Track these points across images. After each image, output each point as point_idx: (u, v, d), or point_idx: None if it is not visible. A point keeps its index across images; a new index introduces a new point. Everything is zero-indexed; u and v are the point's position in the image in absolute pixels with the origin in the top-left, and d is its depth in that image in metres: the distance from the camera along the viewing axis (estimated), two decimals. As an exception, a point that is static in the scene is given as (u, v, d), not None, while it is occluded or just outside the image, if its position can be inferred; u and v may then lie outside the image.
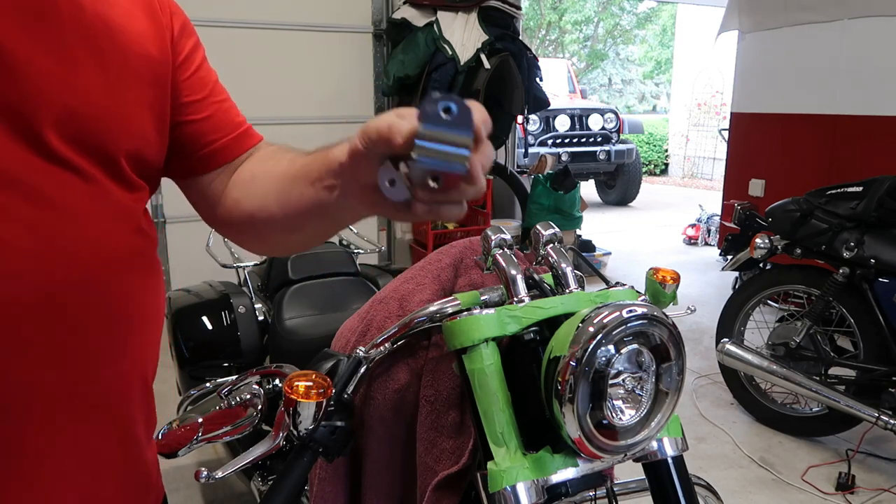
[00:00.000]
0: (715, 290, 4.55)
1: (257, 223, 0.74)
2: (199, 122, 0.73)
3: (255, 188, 0.74)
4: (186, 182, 0.77)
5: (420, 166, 0.45)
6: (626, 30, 18.73)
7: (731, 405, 2.94)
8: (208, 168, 0.76)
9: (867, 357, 2.42)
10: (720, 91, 10.26)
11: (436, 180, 0.46)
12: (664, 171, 12.09)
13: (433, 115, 0.45)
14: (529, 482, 0.77)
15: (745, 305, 2.83)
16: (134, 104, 0.63)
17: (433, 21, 4.05)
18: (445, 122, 0.45)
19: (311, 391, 0.82)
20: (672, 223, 7.01)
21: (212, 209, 0.78)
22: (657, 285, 0.96)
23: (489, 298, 0.91)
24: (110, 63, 0.60)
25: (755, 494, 2.31)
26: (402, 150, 0.48)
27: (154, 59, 0.65)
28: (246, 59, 3.94)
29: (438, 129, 0.45)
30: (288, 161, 0.73)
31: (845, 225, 2.42)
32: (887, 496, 2.28)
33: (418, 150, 0.45)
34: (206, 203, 0.78)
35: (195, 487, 2.26)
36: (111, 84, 0.60)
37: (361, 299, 1.46)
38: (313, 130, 4.23)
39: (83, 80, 0.58)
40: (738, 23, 4.49)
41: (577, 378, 0.73)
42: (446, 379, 0.95)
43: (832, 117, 3.93)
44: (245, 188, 0.75)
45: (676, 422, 0.89)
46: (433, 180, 0.46)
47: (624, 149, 7.89)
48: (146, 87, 0.65)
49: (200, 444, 1.00)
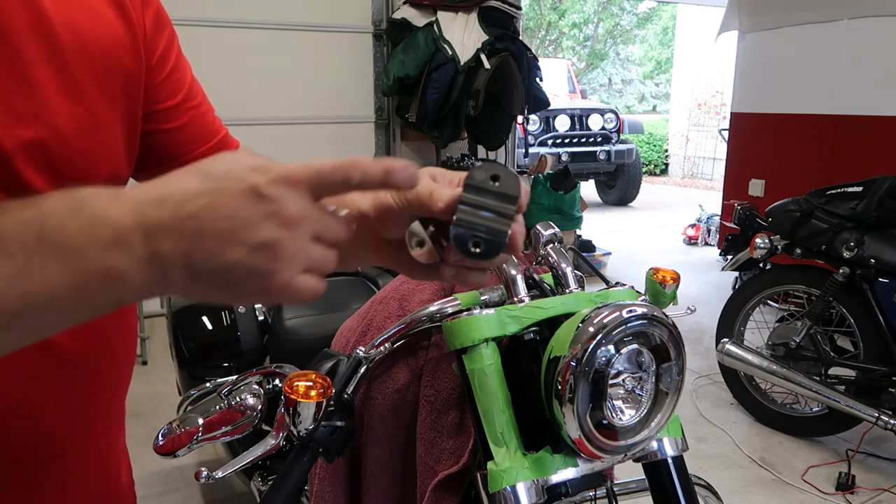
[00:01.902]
0: (715, 290, 4.55)
1: None
2: (174, 130, 0.67)
3: None
4: None
5: (462, 231, 0.44)
6: (626, 30, 18.74)
7: (731, 405, 2.94)
8: None
9: (867, 357, 2.42)
10: (720, 91, 10.27)
11: (477, 246, 0.44)
12: (664, 171, 12.09)
13: (479, 182, 0.44)
14: (529, 482, 0.77)
15: (745, 305, 2.83)
16: (106, 125, 0.57)
17: (433, 21, 4.05)
18: (491, 191, 0.44)
19: (311, 391, 0.81)
20: (672, 223, 7.01)
21: None
22: (657, 285, 0.96)
23: (489, 298, 0.91)
24: (79, 80, 0.54)
25: (755, 494, 2.31)
26: (442, 215, 0.46)
27: (127, 69, 0.59)
28: (246, 59, 3.94)
29: (483, 197, 0.44)
30: None
31: (845, 225, 2.42)
32: (887, 496, 2.28)
33: (461, 214, 0.44)
34: None
35: (195, 487, 2.27)
36: (81, 104, 0.54)
37: (361, 299, 1.46)
38: (313, 130, 4.23)
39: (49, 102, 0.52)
40: (738, 23, 4.49)
41: (577, 378, 0.73)
42: (446, 379, 0.95)
43: (832, 117, 3.93)
44: None
45: (676, 422, 0.89)
46: (475, 247, 0.44)
47: (624, 149, 7.89)
48: (118, 102, 0.58)
49: (200, 444, 1.00)
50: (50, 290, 0.38)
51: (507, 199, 0.44)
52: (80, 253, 0.38)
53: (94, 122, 0.55)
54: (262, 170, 0.40)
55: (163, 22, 0.65)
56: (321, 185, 0.41)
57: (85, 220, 0.38)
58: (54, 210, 0.38)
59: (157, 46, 0.63)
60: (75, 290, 0.39)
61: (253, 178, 0.39)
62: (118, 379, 0.67)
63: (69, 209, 0.39)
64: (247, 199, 0.39)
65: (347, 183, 0.42)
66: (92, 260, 0.38)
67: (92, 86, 0.55)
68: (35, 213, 0.38)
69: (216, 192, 0.39)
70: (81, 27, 0.54)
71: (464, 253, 0.45)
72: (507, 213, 0.44)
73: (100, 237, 0.38)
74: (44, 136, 0.51)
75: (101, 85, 0.56)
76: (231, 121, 2.85)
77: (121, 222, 0.39)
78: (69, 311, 0.40)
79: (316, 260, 0.42)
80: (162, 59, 0.64)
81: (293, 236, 0.40)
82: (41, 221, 0.38)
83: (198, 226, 0.39)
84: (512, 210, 0.44)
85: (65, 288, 0.38)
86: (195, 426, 0.99)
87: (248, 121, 3.93)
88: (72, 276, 0.38)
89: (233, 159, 0.41)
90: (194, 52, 3.15)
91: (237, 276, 0.40)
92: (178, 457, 0.99)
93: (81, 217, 0.39)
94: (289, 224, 0.40)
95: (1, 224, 0.38)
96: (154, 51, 0.63)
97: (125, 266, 0.39)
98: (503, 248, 0.45)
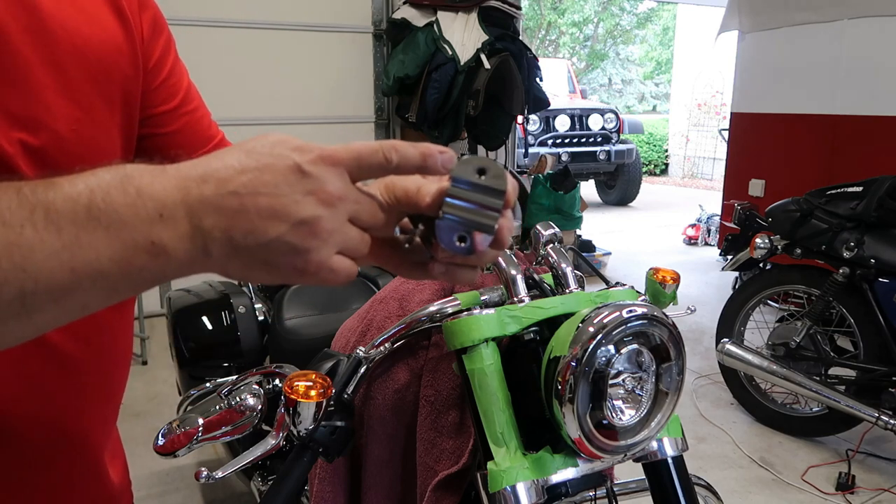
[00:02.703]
0: (715, 290, 4.55)
1: None
2: (170, 134, 0.67)
3: None
4: None
5: (447, 224, 0.44)
6: (626, 30, 18.74)
7: (731, 405, 2.94)
8: None
9: (867, 357, 2.42)
10: (720, 91, 10.27)
11: (462, 241, 0.44)
12: (664, 171, 12.09)
13: (466, 176, 0.44)
14: (529, 482, 0.77)
15: (745, 305, 2.83)
16: (104, 128, 0.57)
17: (433, 21, 4.05)
18: (478, 184, 0.44)
19: (311, 391, 0.81)
20: (672, 223, 7.01)
21: None
22: (657, 285, 0.96)
23: (489, 298, 0.91)
24: (77, 83, 0.54)
25: (755, 494, 2.31)
26: (429, 210, 0.46)
27: (125, 73, 0.59)
28: (246, 59, 3.94)
29: (470, 190, 0.44)
30: None
31: (845, 225, 2.42)
32: (887, 496, 2.28)
33: (447, 208, 0.44)
34: None
35: (195, 487, 2.27)
36: (79, 107, 0.54)
37: (361, 299, 1.45)
38: (313, 130, 4.23)
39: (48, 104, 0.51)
40: (738, 23, 4.49)
41: (577, 378, 0.73)
42: (446, 379, 0.95)
43: (832, 117, 3.93)
44: None
45: (676, 422, 0.89)
46: (460, 241, 0.45)
47: (624, 149, 7.89)
48: (116, 105, 0.58)
49: (200, 444, 1.00)
50: (97, 263, 0.38)
51: (494, 194, 0.44)
52: (127, 227, 0.38)
53: (91, 125, 0.55)
54: (305, 149, 0.41)
55: (160, 26, 0.64)
56: (362, 167, 0.42)
57: (132, 195, 0.39)
58: (101, 184, 0.39)
59: (154, 51, 0.63)
60: (121, 264, 0.39)
61: (296, 156, 0.40)
62: (114, 379, 0.67)
63: (117, 183, 0.39)
64: (289, 176, 0.40)
65: (386, 165, 0.43)
66: (138, 233, 0.39)
67: (90, 89, 0.55)
68: (84, 187, 0.38)
69: (260, 169, 0.40)
70: (79, 31, 0.54)
71: (449, 247, 0.44)
72: (493, 207, 0.44)
73: (146, 211, 0.39)
74: (42, 139, 0.51)
75: (98, 88, 0.55)
76: (231, 121, 2.87)
77: (166, 197, 0.39)
78: (113, 286, 0.40)
79: (352, 241, 0.42)
80: (159, 64, 0.64)
81: (332, 214, 0.41)
82: (89, 196, 0.38)
83: (240, 201, 0.39)
84: (499, 204, 0.44)
85: (111, 262, 0.39)
86: (195, 426, 0.99)
87: (248, 121, 3.93)
88: (118, 250, 0.38)
89: (277, 139, 0.41)
90: (195, 52, 3.18)
91: (277, 252, 0.40)
92: (178, 457, 0.99)
93: (128, 192, 0.39)
94: (328, 202, 0.41)
95: (49, 199, 0.38)
96: (151, 55, 0.63)
97: (168, 240, 0.39)
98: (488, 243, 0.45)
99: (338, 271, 0.42)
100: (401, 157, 0.43)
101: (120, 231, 0.38)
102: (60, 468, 0.62)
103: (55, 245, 0.37)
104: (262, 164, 0.40)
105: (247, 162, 0.40)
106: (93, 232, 0.38)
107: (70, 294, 0.39)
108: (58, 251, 0.37)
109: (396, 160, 0.43)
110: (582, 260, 1.05)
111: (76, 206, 0.38)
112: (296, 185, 0.40)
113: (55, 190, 0.38)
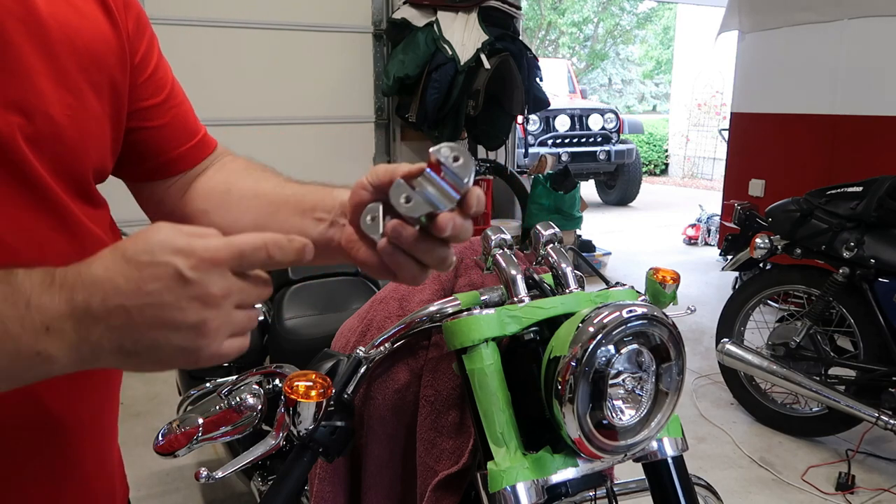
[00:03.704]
0: (715, 290, 4.55)
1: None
2: (157, 128, 0.69)
3: (230, 203, 0.71)
4: (137, 185, 0.73)
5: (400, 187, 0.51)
6: (626, 30, 18.73)
7: (731, 405, 2.94)
8: (165, 175, 0.72)
9: (867, 357, 2.42)
10: (720, 91, 10.26)
11: (409, 201, 0.51)
12: (664, 171, 12.09)
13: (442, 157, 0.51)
14: (529, 482, 0.77)
15: (745, 305, 2.83)
16: (95, 116, 0.59)
17: (433, 21, 4.05)
18: (451, 169, 0.51)
19: (311, 391, 0.81)
20: (672, 223, 7.01)
21: (165, 214, 0.74)
22: (657, 285, 0.96)
23: (489, 298, 0.91)
24: (69, 71, 0.55)
25: (755, 494, 2.31)
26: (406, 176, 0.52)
27: (113, 66, 0.61)
28: (246, 59, 3.94)
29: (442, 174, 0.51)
30: (274, 184, 0.70)
31: (845, 225, 2.42)
32: (887, 496, 2.28)
33: (422, 179, 0.51)
34: (158, 207, 0.74)
35: (195, 487, 2.27)
36: (71, 93, 0.56)
37: (361, 299, 1.45)
38: (313, 130, 4.23)
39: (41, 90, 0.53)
40: (738, 23, 4.49)
41: (577, 378, 0.73)
42: (446, 379, 0.95)
43: (832, 117, 3.93)
44: (217, 201, 0.71)
45: (676, 422, 0.89)
46: (407, 201, 0.51)
47: (624, 149, 7.89)
48: (105, 96, 0.60)
49: (200, 444, 1.00)
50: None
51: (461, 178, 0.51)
52: (13, 338, 0.41)
53: (83, 113, 0.57)
54: (187, 251, 0.43)
55: (143, 25, 0.67)
56: (243, 264, 0.45)
57: (21, 308, 0.41)
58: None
59: (139, 47, 0.66)
60: (6, 370, 0.42)
61: (178, 261, 0.42)
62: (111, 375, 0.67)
63: (8, 295, 0.41)
64: (171, 284, 0.42)
65: (268, 260, 0.46)
66: (23, 344, 0.41)
67: (80, 77, 0.56)
68: None
69: (144, 279, 0.42)
70: (69, 22, 0.56)
71: (397, 207, 0.51)
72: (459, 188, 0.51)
73: (32, 325, 0.41)
74: (38, 124, 0.53)
75: (88, 78, 0.57)
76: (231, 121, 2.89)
77: (54, 310, 0.42)
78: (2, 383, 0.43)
79: (240, 325, 0.46)
80: (144, 60, 0.66)
81: (217, 314, 0.44)
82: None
83: (127, 316, 0.42)
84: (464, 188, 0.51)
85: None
86: (195, 426, 0.99)
87: (248, 121, 3.93)
88: (3, 358, 0.41)
89: (159, 241, 0.43)
90: (195, 52, 3.18)
91: (168, 354, 0.44)
92: (177, 457, 0.99)
93: (18, 305, 0.41)
94: (212, 304, 0.43)
95: None
96: (136, 51, 0.65)
97: (54, 350, 0.42)
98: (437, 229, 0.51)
99: (229, 354, 0.46)
100: (282, 252, 0.46)
101: (5, 342, 0.41)
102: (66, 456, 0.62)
103: None
104: (146, 274, 0.42)
105: (130, 272, 0.42)
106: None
107: None
108: None
109: (278, 255, 0.46)
110: (582, 260, 1.05)
111: None
112: (179, 292, 0.42)
113: None
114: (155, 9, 3.08)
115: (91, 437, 0.65)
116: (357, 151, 4.42)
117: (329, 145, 4.30)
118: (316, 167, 4.26)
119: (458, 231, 0.52)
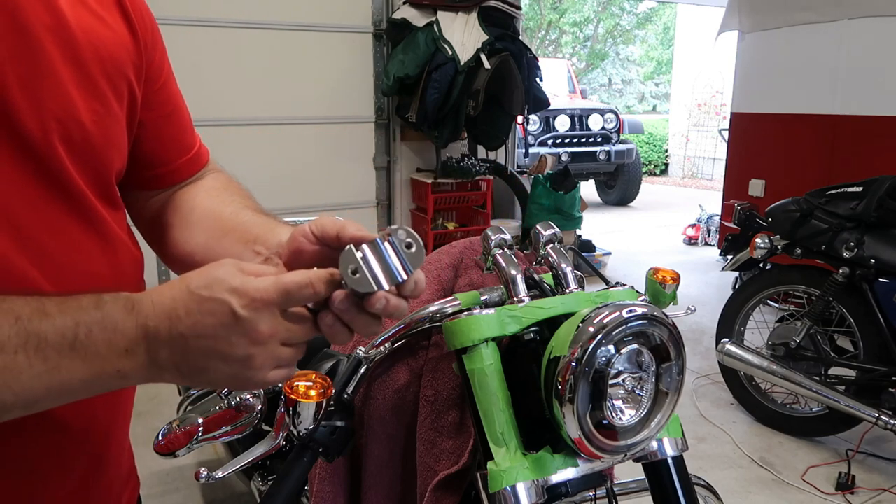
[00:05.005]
0: (715, 290, 4.55)
1: (177, 253, 0.72)
2: (159, 140, 0.71)
3: (191, 221, 0.72)
4: (124, 191, 0.72)
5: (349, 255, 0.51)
6: (626, 30, 18.73)
7: (731, 405, 2.94)
8: (154, 186, 0.74)
9: (867, 357, 2.42)
10: (720, 91, 10.26)
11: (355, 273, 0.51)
12: (664, 171, 12.08)
13: (397, 239, 0.52)
14: (529, 482, 0.77)
15: (745, 305, 2.83)
16: (117, 122, 0.61)
17: (433, 21, 4.05)
18: (401, 252, 0.52)
19: (311, 391, 0.81)
20: (672, 223, 7.01)
21: (144, 221, 0.76)
22: (657, 285, 0.96)
23: (489, 298, 0.91)
24: (95, 78, 0.58)
25: (755, 494, 2.31)
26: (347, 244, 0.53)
27: (132, 73, 0.63)
28: (246, 59, 3.94)
29: (393, 252, 0.52)
30: (233, 210, 0.71)
31: (845, 225, 2.42)
32: (887, 496, 2.28)
33: (369, 247, 0.51)
34: (140, 214, 0.76)
35: (195, 487, 2.27)
36: (97, 100, 0.58)
37: (361, 299, 1.45)
38: (313, 130, 4.23)
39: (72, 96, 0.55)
40: (738, 23, 4.49)
41: (577, 378, 0.72)
42: (446, 379, 0.95)
43: (832, 117, 3.93)
44: (182, 217, 0.73)
45: (676, 422, 0.89)
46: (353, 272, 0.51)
47: (624, 149, 7.89)
48: (124, 102, 0.62)
49: (200, 444, 1.00)
50: (70, 384, 0.47)
51: (407, 266, 0.52)
52: (101, 358, 0.48)
53: (108, 118, 0.60)
54: (240, 292, 0.48)
55: (157, 38, 0.70)
56: (290, 301, 0.50)
57: (109, 332, 0.48)
58: (86, 320, 0.47)
59: (154, 59, 0.68)
60: (89, 385, 0.48)
61: (232, 300, 0.48)
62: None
63: (99, 320, 0.48)
64: (225, 320, 0.48)
65: (315, 297, 0.51)
66: (108, 364, 0.48)
67: (104, 84, 0.59)
68: (72, 323, 0.47)
69: (201, 312, 0.48)
70: (94, 30, 0.58)
71: (343, 276, 0.51)
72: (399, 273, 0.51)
73: (117, 347, 0.48)
74: (71, 130, 0.55)
75: (111, 84, 0.60)
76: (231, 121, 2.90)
77: (133, 335, 0.48)
78: (75, 397, 0.49)
79: (285, 360, 0.52)
80: (157, 71, 0.69)
81: (264, 350, 0.50)
82: (75, 331, 0.47)
83: (185, 343, 0.49)
84: (405, 275, 0.52)
85: (82, 383, 0.48)
86: (195, 426, 0.99)
87: (248, 121, 3.93)
88: (90, 374, 0.48)
89: (215, 278, 0.49)
90: (195, 52, 3.18)
91: (219, 380, 0.51)
92: (177, 457, 0.99)
93: (107, 328, 0.48)
94: (260, 341, 0.49)
95: (42, 330, 0.46)
96: (151, 61, 0.68)
97: (130, 369, 0.49)
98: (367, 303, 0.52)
99: (274, 382, 0.52)
100: (328, 289, 0.51)
101: (94, 362, 0.47)
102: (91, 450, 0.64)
103: (40, 369, 0.45)
104: (204, 308, 0.48)
105: (191, 305, 0.49)
106: (72, 360, 0.47)
107: (39, 404, 0.48)
108: (40, 374, 0.46)
109: (323, 291, 0.51)
110: (582, 260, 1.05)
111: (63, 340, 0.46)
112: (232, 328, 0.48)
113: (48, 322, 0.46)
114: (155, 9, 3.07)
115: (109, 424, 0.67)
116: (357, 151, 4.42)
117: (329, 145, 4.30)
118: (316, 167, 4.26)
119: (391, 311, 0.53)
